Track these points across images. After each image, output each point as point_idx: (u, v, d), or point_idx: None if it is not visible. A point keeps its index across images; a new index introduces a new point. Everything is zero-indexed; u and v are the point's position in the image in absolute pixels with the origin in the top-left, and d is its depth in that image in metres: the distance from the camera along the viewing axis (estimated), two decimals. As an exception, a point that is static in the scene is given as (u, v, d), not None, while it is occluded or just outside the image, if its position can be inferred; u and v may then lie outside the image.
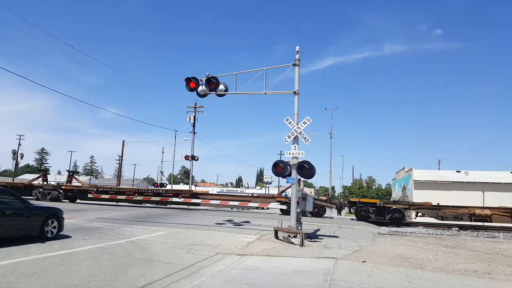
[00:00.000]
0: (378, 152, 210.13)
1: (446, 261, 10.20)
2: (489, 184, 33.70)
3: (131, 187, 43.22)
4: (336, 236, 15.27)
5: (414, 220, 26.39)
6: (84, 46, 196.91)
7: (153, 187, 57.89)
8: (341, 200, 45.88)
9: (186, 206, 39.88)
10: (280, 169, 13.96)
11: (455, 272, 8.63)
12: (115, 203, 33.50)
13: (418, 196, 35.42)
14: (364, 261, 9.54)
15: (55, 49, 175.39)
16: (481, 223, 24.04)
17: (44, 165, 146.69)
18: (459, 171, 37.72)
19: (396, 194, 49.34)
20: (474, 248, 13.45)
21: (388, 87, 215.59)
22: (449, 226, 23.06)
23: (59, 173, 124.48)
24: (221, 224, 18.13)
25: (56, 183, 40.63)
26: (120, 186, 52.52)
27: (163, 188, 52.21)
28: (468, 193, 33.78)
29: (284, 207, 27.33)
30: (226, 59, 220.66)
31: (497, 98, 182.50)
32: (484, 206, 25.31)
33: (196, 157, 43.21)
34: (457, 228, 22.18)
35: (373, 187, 65.46)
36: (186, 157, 43.26)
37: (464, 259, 10.83)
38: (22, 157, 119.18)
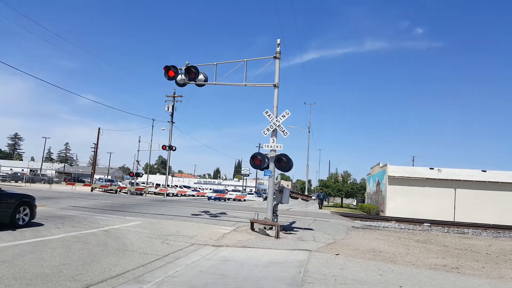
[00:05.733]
0: (354, 147, 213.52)
1: (417, 256, 10.46)
2: (461, 182, 34.62)
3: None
4: (311, 229, 15.45)
5: (387, 215, 26.91)
6: (59, 31, 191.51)
7: (129, 177, 57.30)
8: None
9: (162, 197, 39.69)
10: (258, 161, 14.01)
11: (425, 267, 8.86)
12: (89, 191, 33.00)
13: (392, 192, 36.17)
14: (337, 254, 9.69)
15: (30, 31, 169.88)
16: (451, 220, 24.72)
17: (17, 150, 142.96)
18: (432, 168, 38.62)
19: (370, 189, 50.19)
20: (444, 244, 13.83)
21: (367, 83, 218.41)
22: (421, 222, 23.62)
23: (32, 159, 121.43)
24: (197, 215, 18.08)
25: (29, 169, 39.85)
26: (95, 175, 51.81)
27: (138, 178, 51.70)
28: (440, 190, 34.67)
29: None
30: (207, 50, 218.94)
31: (474, 99, 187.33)
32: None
33: (174, 147, 42.85)
34: (429, 224, 22.76)
35: (348, 182, 66.19)
36: (164, 147, 42.87)
37: (434, 254, 11.13)
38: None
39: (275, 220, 13.47)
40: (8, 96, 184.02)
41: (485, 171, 37.74)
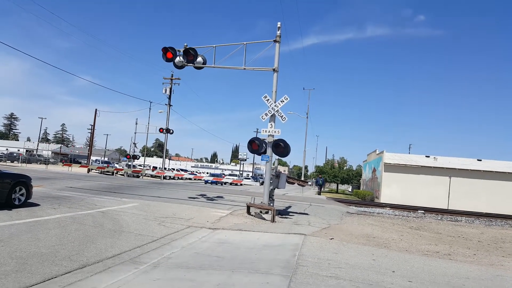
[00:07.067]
0: (352, 134, 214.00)
1: (410, 242, 10.58)
2: (456, 170, 34.85)
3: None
4: (306, 214, 15.57)
5: (382, 201, 27.11)
6: (56, 10, 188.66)
7: (126, 159, 57.27)
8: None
9: (159, 180, 39.78)
10: (256, 146, 14.02)
11: (418, 253, 8.98)
12: (86, 173, 33.00)
13: (387, 179, 36.38)
14: (331, 238, 9.79)
15: (27, 10, 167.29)
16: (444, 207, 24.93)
17: (13, 131, 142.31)
18: (428, 156, 38.80)
19: (366, 176, 50.44)
20: (438, 231, 13.98)
21: (367, 70, 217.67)
22: (415, 209, 23.82)
23: (28, 139, 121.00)
24: (194, 198, 18.16)
25: (25, 149, 39.86)
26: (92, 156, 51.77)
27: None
28: (435, 178, 34.90)
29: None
30: (205, 32, 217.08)
31: (473, 88, 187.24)
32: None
33: (171, 130, 42.77)
34: (423, 211, 22.95)
35: (344, 168, 66.47)
36: (161, 130, 42.77)
37: (427, 240, 11.26)
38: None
39: (271, 204, 13.55)
40: (4, 76, 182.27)
41: (480, 160, 37.98)
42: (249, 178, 62.66)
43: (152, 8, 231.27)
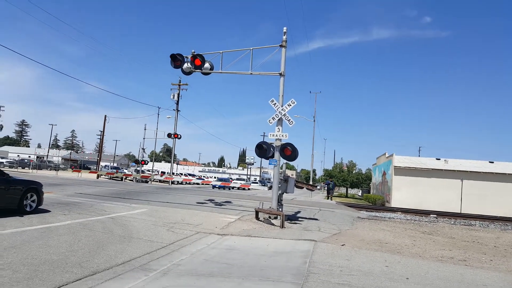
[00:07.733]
0: (360, 137, 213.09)
1: (423, 247, 10.40)
2: (468, 173, 34.36)
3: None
4: (316, 219, 15.43)
5: (393, 206, 26.80)
6: (64, 17, 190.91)
7: (134, 164, 57.53)
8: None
9: (167, 185, 39.83)
10: (263, 150, 13.96)
11: (432, 258, 8.81)
12: (95, 178, 33.16)
13: (398, 182, 36.02)
14: (343, 245, 9.66)
15: (36, 18, 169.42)
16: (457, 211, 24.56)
17: (24, 137, 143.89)
18: (439, 159, 38.32)
19: (376, 180, 50.02)
20: (451, 235, 13.76)
21: (374, 73, 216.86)
22: (427, 213, 23.53)
23: (39, 146, 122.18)
24: (202, 203, 18.12)
25: (36, 156, 40.21)
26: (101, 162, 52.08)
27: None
28: (447, 181, 34.46)
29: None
30: (211, 37, 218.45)
31: (481, 89, 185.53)
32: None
33: (179, 135, 42.88)
34: (435, 215, 22.65)
35: (354, 172, 66.00)
36: (169, 135, 42.92)
37: (441, 245, 11.07)
38: (1, 128, 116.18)
39: (280, 209, 13.46)
40: (15, 83, 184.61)
41: (492, 162, 37.37)
42: (257, 183, 62.53)
43: (158, 12, 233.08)
